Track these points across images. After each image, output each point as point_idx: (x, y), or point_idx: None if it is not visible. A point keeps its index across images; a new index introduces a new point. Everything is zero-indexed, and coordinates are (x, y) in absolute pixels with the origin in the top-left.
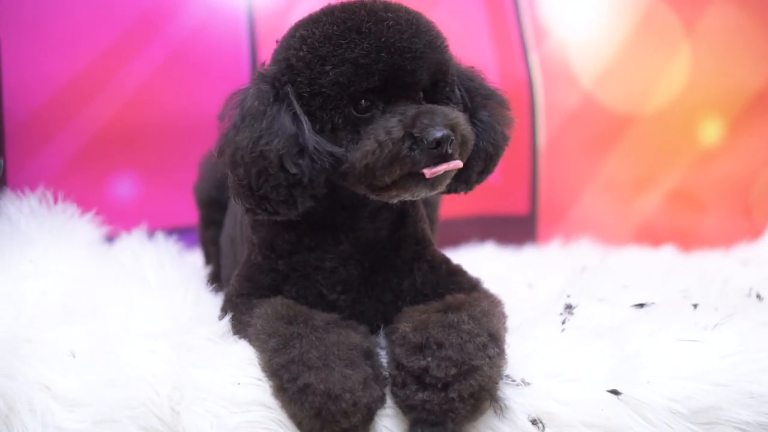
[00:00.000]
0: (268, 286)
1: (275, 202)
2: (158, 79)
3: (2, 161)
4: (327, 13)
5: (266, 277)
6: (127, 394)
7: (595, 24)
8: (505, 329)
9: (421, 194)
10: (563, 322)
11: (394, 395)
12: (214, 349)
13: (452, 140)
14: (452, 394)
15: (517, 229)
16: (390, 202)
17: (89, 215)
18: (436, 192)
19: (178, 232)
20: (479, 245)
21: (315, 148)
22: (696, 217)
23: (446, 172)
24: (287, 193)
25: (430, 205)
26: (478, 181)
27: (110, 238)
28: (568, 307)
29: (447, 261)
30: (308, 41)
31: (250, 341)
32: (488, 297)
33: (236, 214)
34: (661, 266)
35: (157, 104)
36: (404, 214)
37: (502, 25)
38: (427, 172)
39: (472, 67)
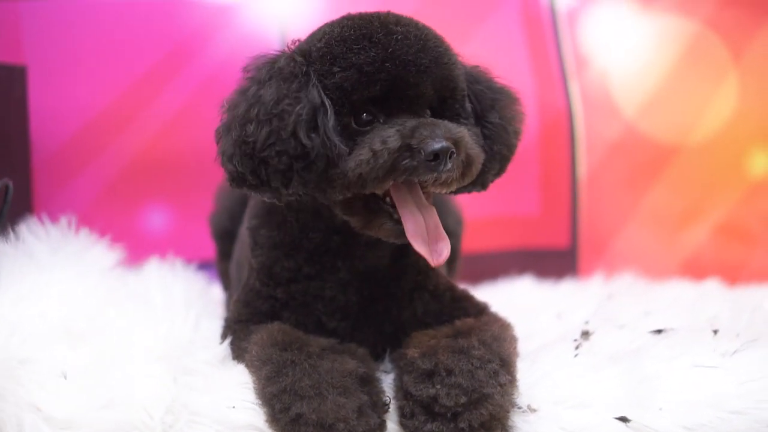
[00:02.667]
0: (266, 313)
1: (272, 171)
2: (190, 109)
3: (10, 184)
4: (348, 18)
5: (264, 303)
6: (120, 416)
7: (639, 52)
8: (516, 354)
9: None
10: (576, 348)
11: (402, 426)
12: (212, 373)
13: (452, 153)
14: (462, 424)
15: (557, 262)
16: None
17: (106, 242)
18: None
19: (210, 263)
20: (517, 279)
21: (329, 132)
22: (744, 250)
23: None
24: (288, 164)
25: (452, 235)
26: (492, 180)
27: (136, 267)
28: (585, 334)
29: (452, 288)
30: (326, 37)
31: (247, 367)
32: (498, 321)
33: (244, 240)
34: (690, 295)
35: (189, 134)
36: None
37: (541, 54)
38: (433, 260)
39: (478, 66)
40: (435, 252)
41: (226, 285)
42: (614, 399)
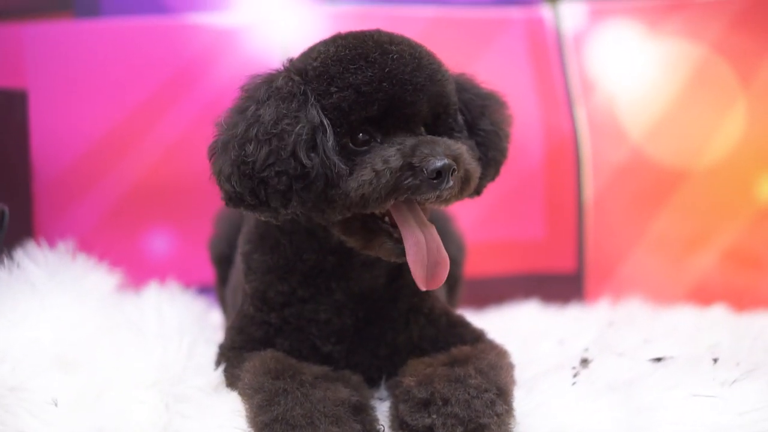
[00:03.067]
0: (259, 339)
1: (272, 191)
2: (192, 133)
3: (5, 209)
4: (341, 37)
5: (258, 330)
6: None
7: (646, 77)
8: (513, 382)
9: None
10: (574, 376)
11: None
12: (205, 401)
13: (453, 170)
14: None
15: (564, 287)
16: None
17: (105, 268)
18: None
19: (212, 288)
20: (522, 303)
21: (328, 152)
22: (753, 275)
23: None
24: (287, 184)
25: (454, 263)
26: (486, 185)
27: (135, 292)
28: (584, 361)
29: (447, 312)
30: (322, 56)
31: (240, 395)
32: (495, 348)
33: (238, 265)
34: (693, 322)
35: (191, 159)
36: (401, 263)
37: (546, 78)
38: (428, 285)
39: (464, 74)
40: (434, 276)
41: (225, 310)
42: (611, 429)
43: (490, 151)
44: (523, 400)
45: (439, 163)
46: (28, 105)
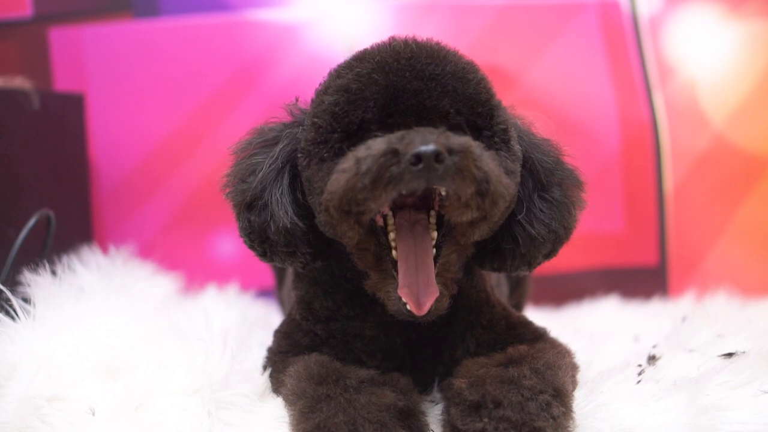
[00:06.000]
0: (306, 346)
1: (279, 250)
2: None
3: (51, 214)
4: (362, 50)
5: (305, 337)
6: None
7: (727, 60)
8: (574, 383)
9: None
10: (639, 374)
11: None
12: (249, 407)
13: (440, 155)
14: None
15: (646, 281)
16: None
17: (162, 273)
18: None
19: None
20: (602, 299)
21: (280, 203)
22: None
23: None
24: (286, 241)
25: None
26: (542, 262)
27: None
28: (652, 358)
29: (507, 315)
30: (327, 77)
31: (283, 401)
32: (555, 347)
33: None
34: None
35: None
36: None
37: (623, 64)
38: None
39: (549, 140)
40: (418, 305)
41: (284, 311)
42: (676, 429)
43: (554, 222)
44: (583, 401)
45: (423, 148)
46: (85, 108)
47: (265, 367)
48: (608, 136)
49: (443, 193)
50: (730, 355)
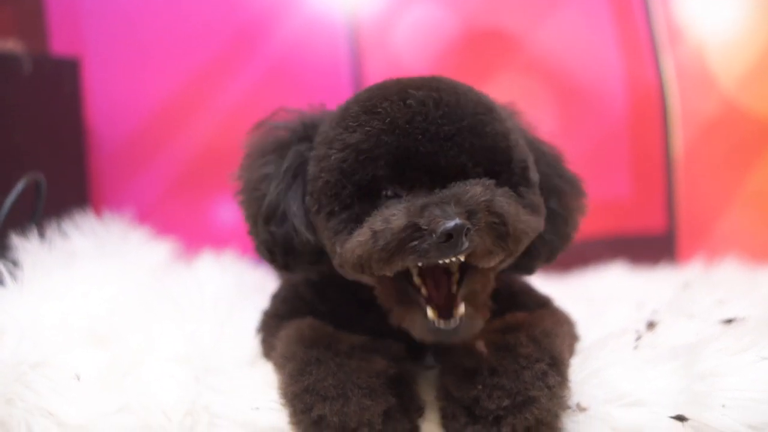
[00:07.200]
0: (303, 312)
1: (303, 260)
2: (256, 97)
3: (42, 179)
4: (366, 89)
5: (304, 306)
6: (137, 420)
7: (738, 21)
8: (571, 352)
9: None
10: (636, 340)
11: (444, 427)
12: (237, 373)
13: (468, 229)
14: (505, 429)
15: (654, 248)
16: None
17: (159, 239)
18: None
19: None
20: (609, 266)
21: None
22: None
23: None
24: (311, 252)
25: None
26: (540, 267)
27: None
28: (650, 325)
29: (509, 284)
30: (330, 120)
31: (273, 365)
32: (554, 315)
33: None
34: None
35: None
36: None
37: (629, 26)
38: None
39: (551, 146)
40: (444, 314)
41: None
42: (672, 396)
43: (547, 233)
44: (578, 368)
45: (450, 224)
46: (80, 74)
47: (258, 331)
48: (615, 99)
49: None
50: (730, 321)
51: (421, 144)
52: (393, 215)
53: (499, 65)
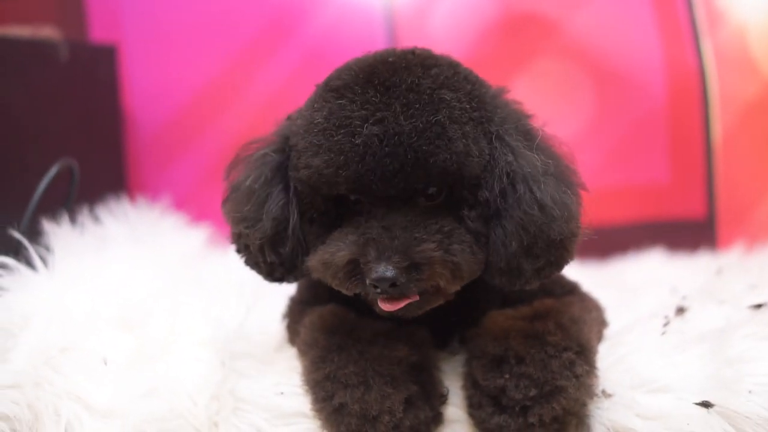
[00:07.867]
0: (328, 300)
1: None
2: (292, 84)
3: (75, 165)
4: (331, 89)
5: (328, 292)
6: (163, 404)
7: None
8: (599, 339)
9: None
10: (665, 325)
11: (470, 416)
12: (263, 358)
13: (396, 282)
14: (532, 419)
15: (694, 234)
16: None
17: (192, 225)
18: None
19: None
20: (647, 252)
21: (299, 239)
22: None
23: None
24: (269, 270)
25: None
26: (542, 276)
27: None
28: (680, 310)
29: None
30: (298, 122)
31: (297, 351)
32: (583, 301)
33: None
34: None
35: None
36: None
37: (669, 10)
38: (384, 306)
39: (548, 146)
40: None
41: None
42: (699, 381)
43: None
44: (605, 354)
45: (378, 274)
46: (117, 60)
47: (284, 317)
48: (654, 83)
49: None
50: (759, 306)
51: (372, 182)
52: (339, 248)
53: (537, 49)
